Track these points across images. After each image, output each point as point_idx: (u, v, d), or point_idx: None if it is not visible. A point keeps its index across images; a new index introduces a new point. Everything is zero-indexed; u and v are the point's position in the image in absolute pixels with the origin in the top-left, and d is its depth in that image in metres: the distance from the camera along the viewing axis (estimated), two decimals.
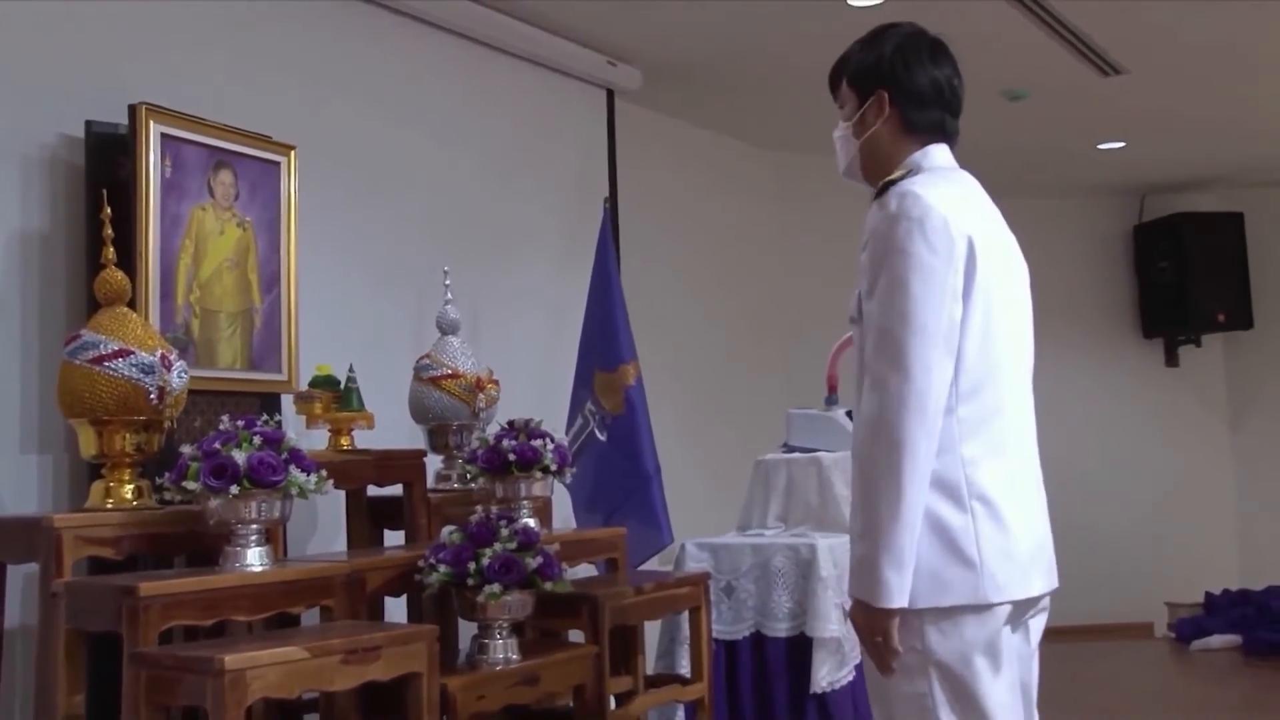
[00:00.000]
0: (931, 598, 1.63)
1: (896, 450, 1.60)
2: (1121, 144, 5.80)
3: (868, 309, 1.70)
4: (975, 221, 1.72)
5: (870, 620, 1.64)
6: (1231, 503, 6.67)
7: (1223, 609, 6.05)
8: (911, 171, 1.77)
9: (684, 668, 3.21)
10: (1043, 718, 2.44)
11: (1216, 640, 5.80)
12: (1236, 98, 5.16)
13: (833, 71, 1.94)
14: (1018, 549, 1.67)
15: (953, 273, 1.65)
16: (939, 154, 1.81)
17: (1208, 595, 6.24)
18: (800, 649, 3.19)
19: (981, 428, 1.68)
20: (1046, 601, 1.78)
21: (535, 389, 3.83)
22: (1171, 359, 6.77)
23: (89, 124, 2.60)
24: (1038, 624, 1.79)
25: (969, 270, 1.66)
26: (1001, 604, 1.65)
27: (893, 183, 1.74)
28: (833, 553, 3.24)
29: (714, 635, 3.14)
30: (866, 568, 1.62)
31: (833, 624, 3.14)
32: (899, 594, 1.61)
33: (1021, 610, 1.71)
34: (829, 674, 3.13)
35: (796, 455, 3.60)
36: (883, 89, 1.81)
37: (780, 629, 3.25)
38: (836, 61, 1.93)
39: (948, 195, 1.71)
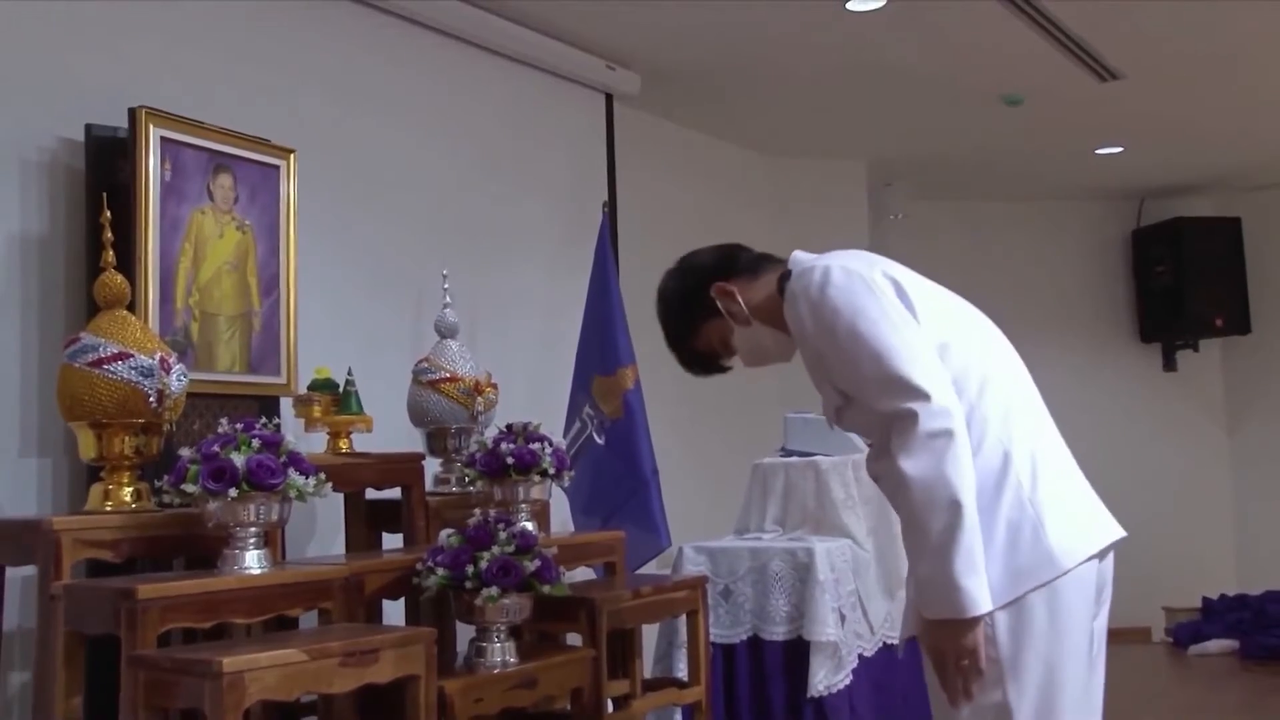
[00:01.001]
0: (1010, 590, 1.57)
1: (941, 457, 1.56)
2: (1119, 149, 5.81)
3: (847, 388, 1.70)
4: (881, 264, 1.77)
5: (956, 639, 1.54)
6: (1229, 507, 6.67)
7: (1220, 614, 6.05)
8: (792, 266, 1.82)
9: (681, 671, 3.21)
10: None
11: (1214, 645, 5.81)
12: (1233, 103, 5.17)
13: (673, 342, 2.06)
14: (1078, 508, 1.67)
15: (886, 297, 1.68)
16: (790, 257, 1.86)
17: (1205, 600, 6.25)
18: (797, 653, 3.20)
19: (1008, 400, 1.69)
20: (1111, 560, 1.73)
21: (533, 392, 3.83)
22: (1169, 363, 6.78)
23: (89, 127, 2.61)
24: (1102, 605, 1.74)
25: (899, 292, 1.70)
26: (1076, 567, 1.60)
27: (784, 279, 1.80)
28: (830, 556, 3.25)
29: (711, 639, 3.14)
30: (940, 584, 1.54)
31: (830, 628, 3.15)
32: (983, 599, 1.54)
33: (1103, 557, 1.68)
34: (826, 678, 3.13)
35: (794, 459, 3.60)
36: (716, 282, 1.92)
37: (778, 632, 3.25)
38: (668, 336, 2.06)
39: (840, 258, 1.77)
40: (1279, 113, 5.33)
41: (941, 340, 1.69)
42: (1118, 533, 1.72)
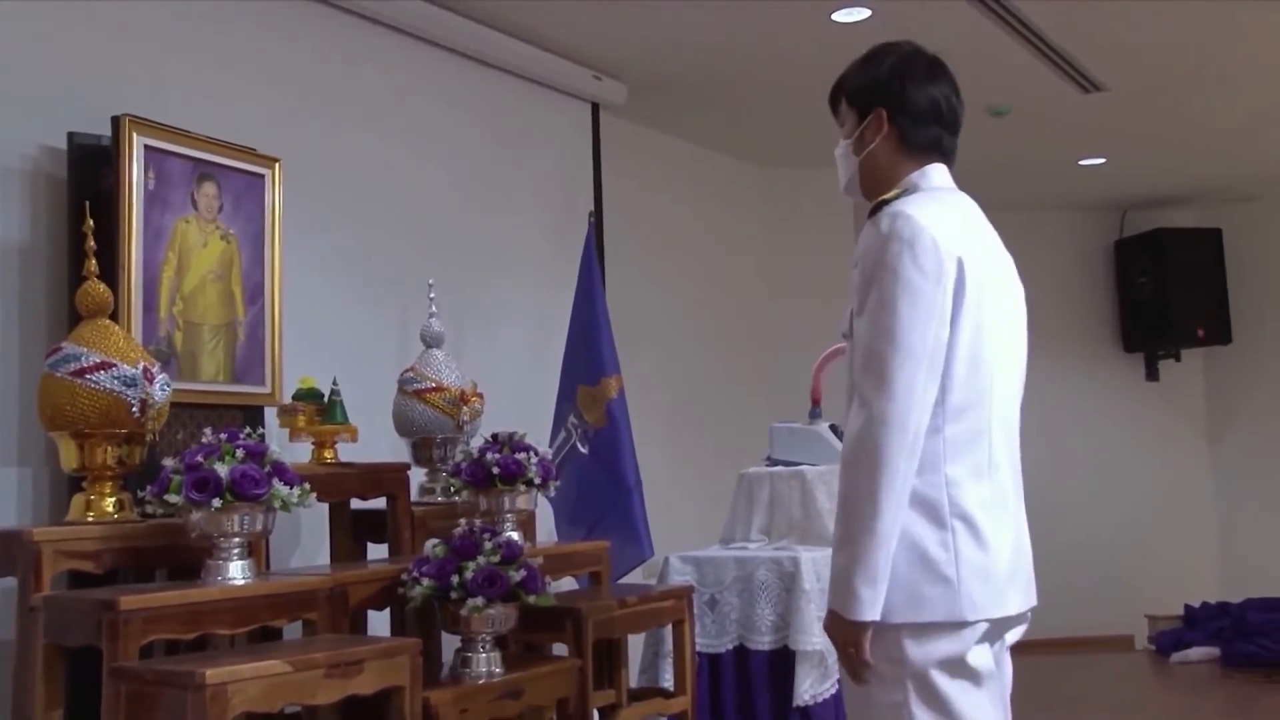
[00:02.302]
0: (908, 613, 1.65)
1: (876, 468, 1.63)
2: (1102, 160, 5.86)
3: (857, 326, 1.72)
4: (967, 243, 1.73)
5: (844, 631, 1.67)
6: (1211, 516, 6.72)
7: (1202, 622, 6.09)
8: (907, 191, 1.78)
9: (667, 681, 3.20)
10: None
11: (1195, 653, 5.84)
12: (1215, 115, 5.22)
13: (833, 89, 1.95)
14: (995, 569, 1.69)
15: (941, 294, 1.67)
16: (936, 174, 1.82)
17: (1187, 608, 6.28)
18: (783, 662, 3.20)
19: (967, 448, 1.70)
20: (1027, 614, 1.80)
21: (519, 402, 3.83)
22: (1152, 373, 6.83)
23: (71, 135, 2.59)
24: (1013, 635, 1.80)
25: (958, 292, 1.68)
26: (977, 622, 1.67)
27: (886, 202, 1.76)
28: (816, 566, 3.25)
29: (697, 648, 3.14)
30: (842, 580, 1.65)
31: (816, 637, 3.15)
32: (870, 608, 1.64)
33: (1000, 628, 1.73)
34: (812, 687, 3.13)
35: (780, 469, 3.61)
36: (881, 107, 1.82)
37: (763, 642, 3.25)
38: (837, 80, 1.95)
39: (941, 216, 1.72)
40: (1259, 125, 5.38)
41: (957, 365, 1.69)
42: (1020, 606, 1.75)
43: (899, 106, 1.81)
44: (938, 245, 1.67)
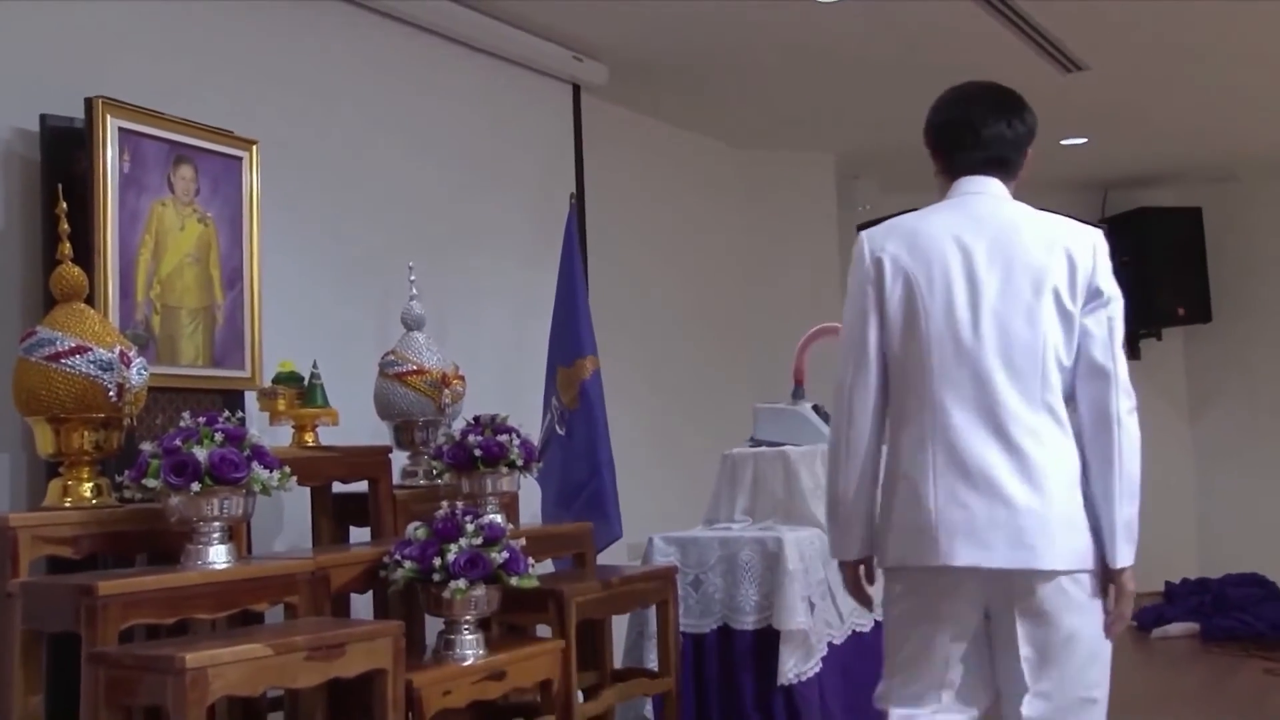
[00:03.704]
0: (880, 559, 2.05)
1: (830, 446, 2.08)
2: (1084, 140, 5.87)
3: None
4: (910, 241, 2.03)
5: (840, 570, 2.14)
6: (1191, 494, 6.78)
7: (1182, 598, 6.16)
8: (911, 209, 2.16)
9: (651, 661, 3.21)
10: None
11: (1175, 628, 5.91)
12: (1195, 95, 5.24)
13: None
14: (930, 523, 1.92)
15: (864, 293, 2.03)
16: (957, 185, 2.12)
17: (1167, 584, 6.35)
18: (767, 642, 3.20)
19: (914, 416, 1.98)
20: (1043, 582, 1.91)
21: (501, 384, 3.82)
22: (1134, 352, 6.87)
23: (44, 118, 2.56)
24: (1030, 598, 1.92)
25: (880, 284, 2.02)
26: (904, 568, 1.98)
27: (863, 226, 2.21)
28: (799, 546, 3.26)
29: (681, 629, 3.15)
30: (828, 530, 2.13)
31: (799, 616, 3.16)
32: (842, 551, 2.08)
33: (955, 578, 1.93)
34: (796, 666, 3.14)
35: (763, 449, 3.61)
36: (927, 146, 2.21)
37: (747, 622, 3.25)
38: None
39: (889, 224, 2.10)
40: (1238, 105, 5.41)
41: (896, 340, 2.02)
42: (969, 561, 1.92)
43: (930, 142, 2.20)
44: (863, 254, 2.06)
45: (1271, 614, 5.96)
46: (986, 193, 2.09)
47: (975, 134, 2.10)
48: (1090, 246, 2.00)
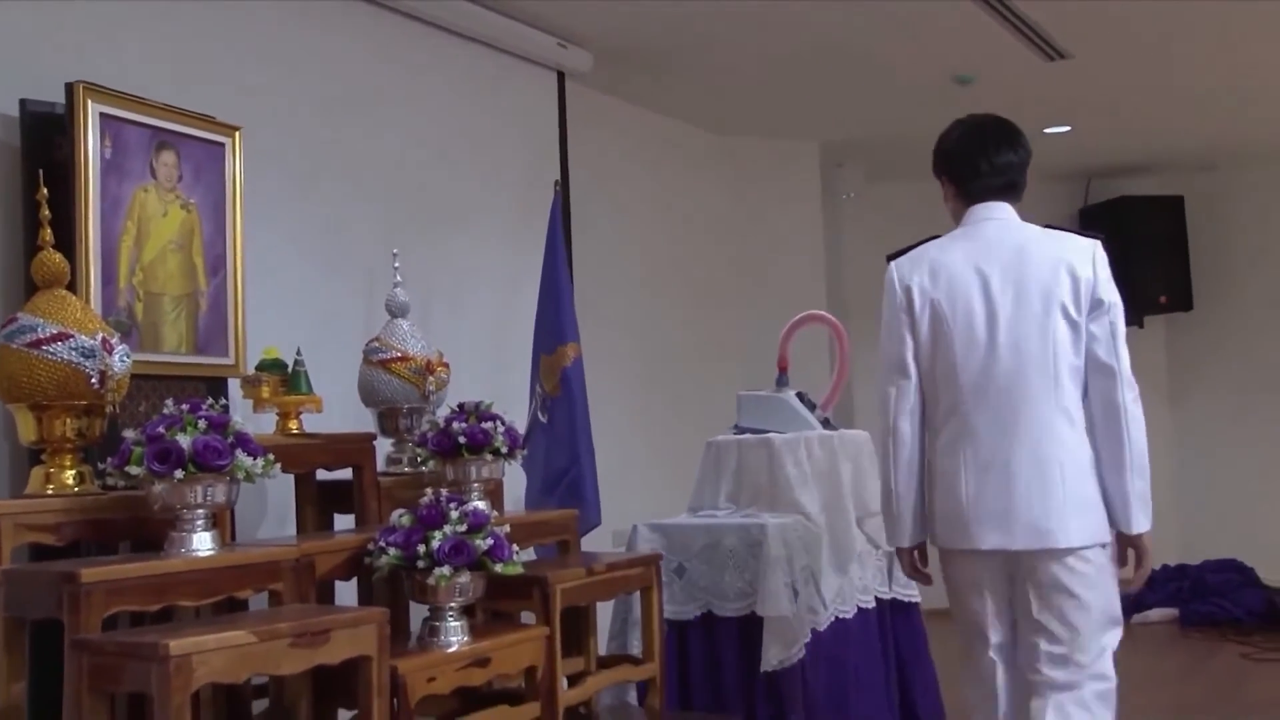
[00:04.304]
0: (933, 541, 2.44)
1: (880, 450, 2.46)
2: (1067, 128, 5.90)
3: None
4: (933, 271, 2.38)
5: (898, 556, 2.57)
6: (1171, 481, 6.83)
7: (1161, 584, 6.23)
8: (932, 238, 2.50)
9: (636, 648, 3.22)
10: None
11: (1155, 614, 5.98)
12: (1176, 85, 5.27)
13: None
14: (965, 513, 2.32)
15: (897, 319, 2.40)
16: (973, 213, 2.46)
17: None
18: (751, 628, 3.22)
19: (945, 424, 2.37)
20: (1056, 558, 2.30)
21: (485, 372, 3.82)
22: None
23: (24, 103, 2.54)
24: (1046, 572, 2.31)
25: (910, 309, 2.38)
26: (949, 550, 2.40)
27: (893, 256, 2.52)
28: (782, 533, 3.27)
29: (665, 615, 3.16)
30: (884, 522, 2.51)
31: (782, 603, 3.17)
32: (895, 538, 2.47)
33: (987, 557, 2.35)
34: (779, 653, 3.16)
35: (747, 437, 3.62)
36: (939, 174, 2.55)
37: (731, 609, 3.27)
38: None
39: (918, 256, 2.44)
40: (1219, 95, 5.44)
41: (927, 357, 2.40)
42: (996, 544, 2.33)
43: (944, 171, 2.53)
44: (894, 282, 2.43)
45: (1248, 600, 6.04)
46: (999, 218, 2.43)
47: (990, 163, 2.43)
48: (1090, 261, 2.34)
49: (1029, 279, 2.31)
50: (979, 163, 2.43)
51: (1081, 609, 2.31)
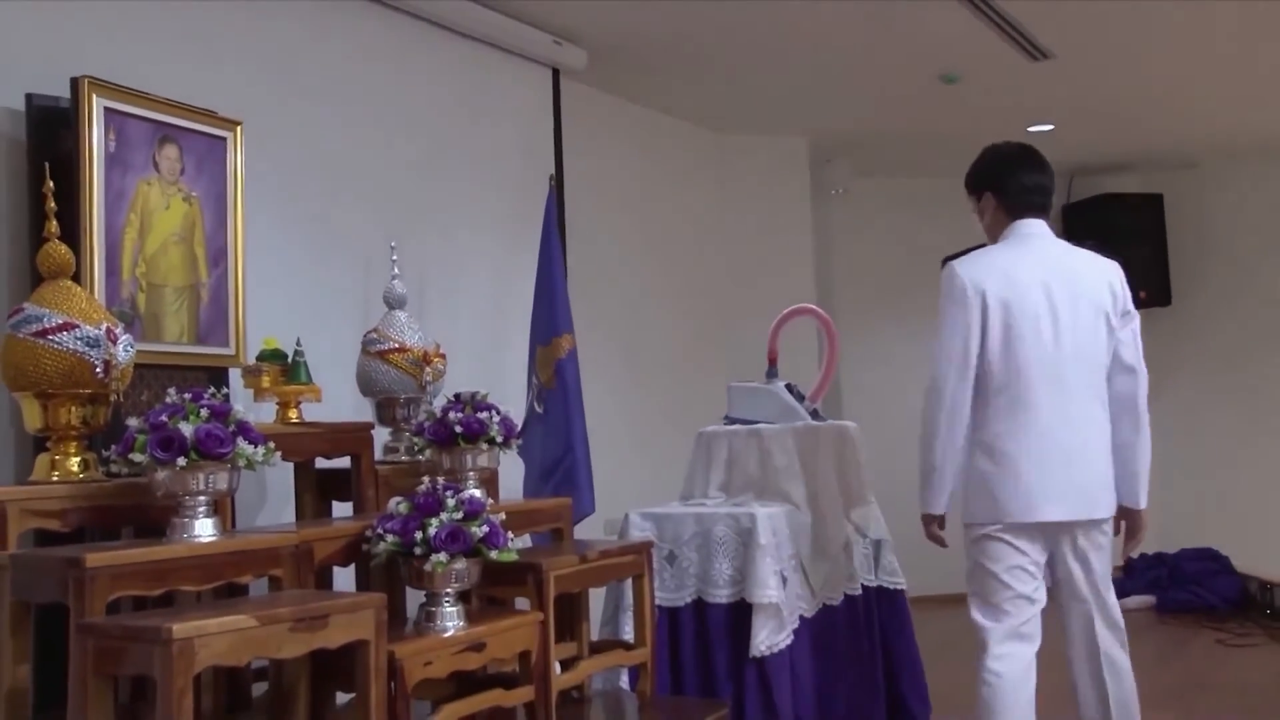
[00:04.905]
0: (970, 516, 2.74)
1: (930, 428, 2.72)
2: (1050, 126, 5.96)
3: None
4: (1001, 276, 2.71)
5: (925, 521, 2.80)
6: (1150, 472, 6.92)
7: (1140, 571, 6.34)
8: (999, 241, 2.86)
9: (628, 634, 3.26)
10: (968, 677, 2.70)
11: (1133, 601, 6.07)
12: (1157, 85, 5.33)
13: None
14: (1030, 490, 2.66)
15: (967, 316, 2.68)
16: (1018, 227, 2.83)
17: (1126, 558, 6.50)
18: (740, 614, 3.25)
19: (1008, 411, 2.68)
20: (1088, 521, 2.72)
21: (481, 363, 3.86)
22: None
23: (29, 97, 2.57)
24: (1087, 537, 2.74)
25: (984, 310, 2.68)
26: (997, 522, 2.69)
27: (951, 258, 2.83)
28: (772, 521, 3.32)
29: (657, 602, 3.19)
30: (920, 487, 2.77)
31: (771, 590, 3.22)
32: (932, 505, 2.77)
33: (1045, 528, 2.70)
34: (768, 638, 3.20)
35: (737, 427, 3.67)
36: (981, 190, 2.91)
37: (721, 595, 3.30)
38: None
39: (981, 262, 2.76)
40: (1198, 95, 5.51)
41: (995, 353, 2.70)
42: (1059, 516, 2.70)
43: (991, 188, 2.89)
44: (965, 286, 2.71)
45: (1224, 587, 6.15)
46: (1040, 234, 2.82)
47: (1035, 183, 2.84)
48: (1120, 279, 2.81)
49: (1082, 290, 2.74)
50: (1025, 182, 2.82)
51: (1102, 565, 2.78)
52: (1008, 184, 2.84)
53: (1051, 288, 2.72)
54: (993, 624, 2.72)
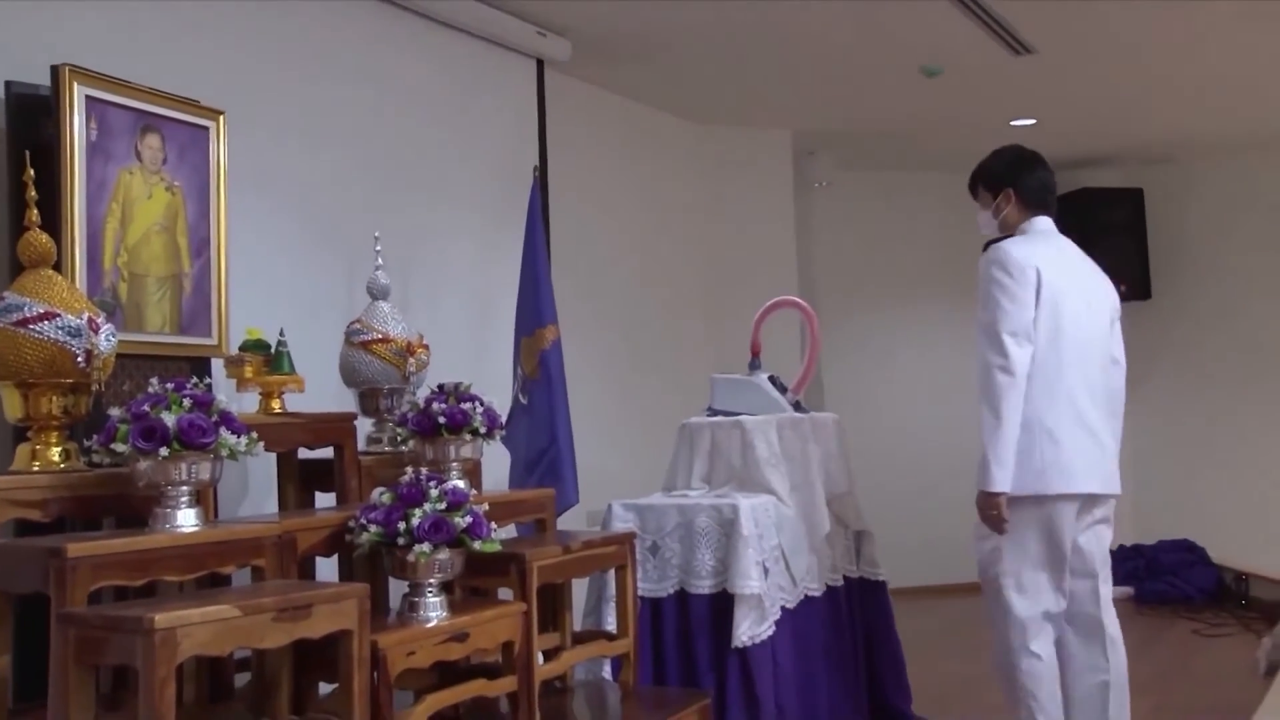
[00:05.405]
0: (1018, 488, 2.81)
1: (996, 400, 2.79)
2: (1033, 121, 6.00)
3: (977, 316, 2.89)
4: (1045, 262, 2.86)
5: (984, 500, 2.82)
6: (1127, 466, 6.96)
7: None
8: (1016, 234, 3.01)
9: (610, 624, 3.28)
10: (949, 668, 2.70)
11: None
12: (1137, 81, 5.38)
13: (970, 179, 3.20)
14: (1071, 462, 2.83)
15: (1025, 293, 2.81)
16: (1037, 223, 3.03)
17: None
18: (722, 605, 3.27)
19: (1046, 387, 2.82)
20: (1110, 500, 2.99)
21: (465, 353, 3.87)
22: None
23: (9, 84, 2.55)
24: (1102, 510, 2.98)
25: (1037, 289, 2.82)
26: (1054, 495, 2.83)
27: (993, 242, 2.96)
28: (754, 512, 3.34)
29: (640, 593, 3.21)
30: (982, 464, 2.80)
31: (753, 581, 3.24)
32: (998, 483, 2.79)
33: (1081, 501, 2.88)
34: (750, 629, 3.22)
35: (720, 419, 3.68)
36: (999, 186, 3.09)
37: (703, 586, 3.32)
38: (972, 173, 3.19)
39: (1026, 246, 2.91)
40: (1177, 90, 5.56)
41: (1040, 329, 2.84)
42: (1095, 489, 2.91)
43: (1010, 184, 3.07)
44: (1019, 260, 2.85)
45: (1200, 579, 6.23)
46: (1055, 232, 3.03)
47: (1050, 185, 3.07)
48: (1112, 284, 3.06)
49: (1096, 285, 3.02)
50: (1043, 180, 3.05)
51: (1108, 541, 3.02)
52: (1027, 181, 3.03)
53: (1077, 278, 2.94)
54: (1029, 604, 2.85)
